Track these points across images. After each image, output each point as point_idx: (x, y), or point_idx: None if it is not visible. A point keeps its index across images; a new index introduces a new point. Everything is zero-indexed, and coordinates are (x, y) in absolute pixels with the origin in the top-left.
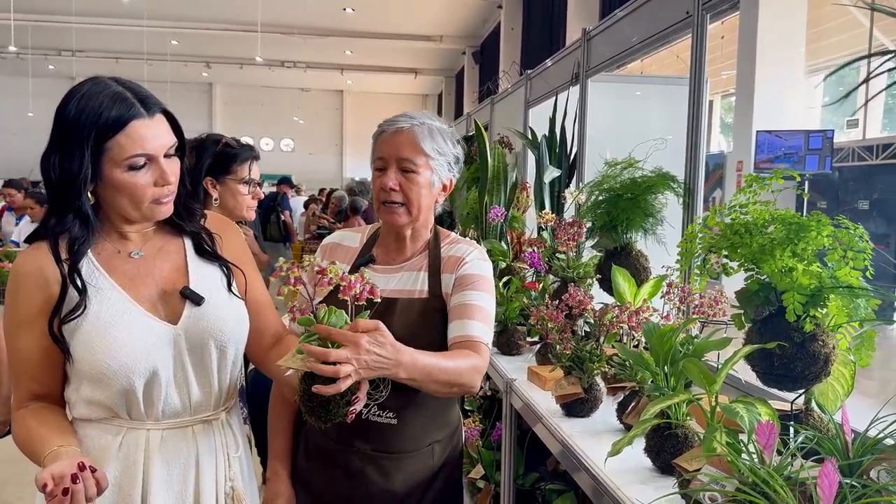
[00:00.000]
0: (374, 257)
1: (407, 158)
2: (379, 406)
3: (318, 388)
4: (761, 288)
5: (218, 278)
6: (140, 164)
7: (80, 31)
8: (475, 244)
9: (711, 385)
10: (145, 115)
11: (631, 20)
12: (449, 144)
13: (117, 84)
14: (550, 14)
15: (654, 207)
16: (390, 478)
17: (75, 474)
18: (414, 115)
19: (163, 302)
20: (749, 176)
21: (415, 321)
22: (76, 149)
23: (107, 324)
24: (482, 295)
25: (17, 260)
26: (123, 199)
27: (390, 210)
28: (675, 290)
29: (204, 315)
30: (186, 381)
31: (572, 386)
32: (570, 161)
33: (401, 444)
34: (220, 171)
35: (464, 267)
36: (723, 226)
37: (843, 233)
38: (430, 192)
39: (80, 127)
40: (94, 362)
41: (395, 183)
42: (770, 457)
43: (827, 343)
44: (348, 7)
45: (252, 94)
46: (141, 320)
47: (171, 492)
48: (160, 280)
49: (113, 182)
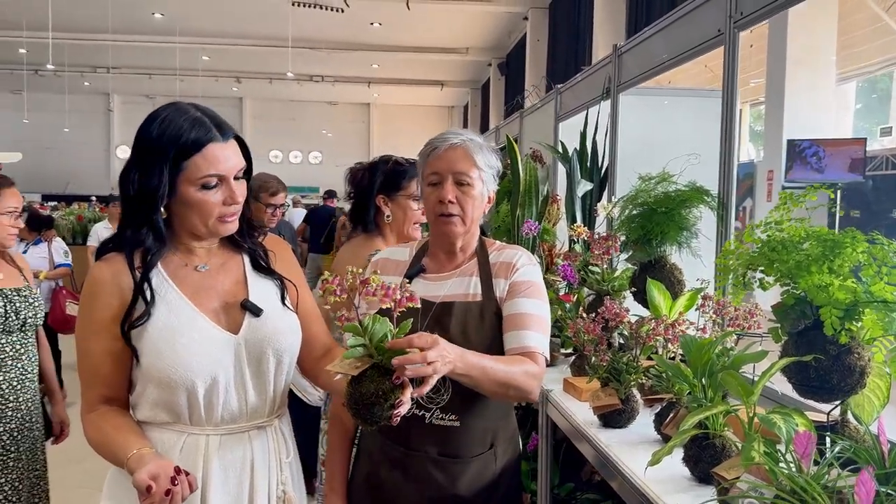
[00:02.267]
0: (424, 267)
1: (462, 172)
2: (441, 409)
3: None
4: (797, 302)
5: (273, 292)
6: (213, 184)
7: (114, 48)
8: (522, 248)
9: (749, 396)
10: (220, 139)
11: (661, 37)
12: (494, 158)
13: (196, 109)
14: (577, 26)
15: (688, 221)
16: (456, 482)
17: (174, 477)
18: (460, 132)
19: (225, 313)
20: (784, 193)
21: (471, 323)
22: (156, 166)
23: (174, 331)
24: (536, 302)
25: (94, 269)
26: (193, 215)
27: (447, 222)
28: (709, 303)
29: (262, 325)
30: (244, 388)
31: (609, 397)
32: (601, 175)
33: (465, 447)
34: (391, 188)
35: (516, 273)
36: (759, 242)
37: (878, 248)
38: (481, 203)
39: (161, 146)
40: (161, 367)
41: (453, 196)
42: (808, 466)
43: (862, 356)
44: (375, 21)
45: (281, 108)
46: (205, 329)
47: (228, 495)
48: (222, 293)
49: (186, 199)
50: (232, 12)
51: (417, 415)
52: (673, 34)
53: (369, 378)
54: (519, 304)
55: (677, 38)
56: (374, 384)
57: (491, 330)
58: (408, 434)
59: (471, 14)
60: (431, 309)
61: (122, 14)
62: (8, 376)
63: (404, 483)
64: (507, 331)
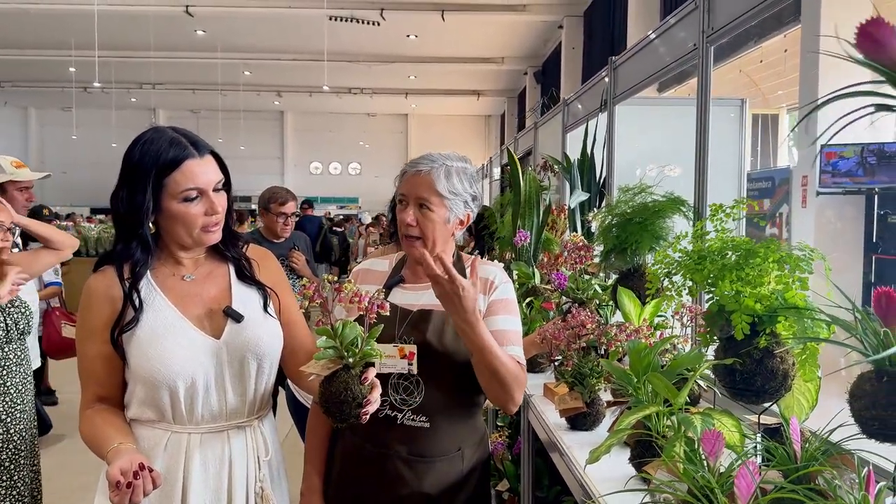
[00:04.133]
0: (403, 277)
1: (423, 198)
2: (413, 410)
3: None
4: (721, 309)
5: (256, 300)
6: (193, 197)
7: (158, 64)
8: (497, 264)
9: (676, 397)
10: (197, 155)
11: (649, 51)
12: (465, 184)
13: (173, 131)
14: (611, 33)
15: (664, 231)
16: (423, 481)
17: (136, 471)
18: (435, 158)
19: (208, 319)
20: (714, 205)
21: (447, 331)
22: (140, 185)
23: (160, 335)
24: (513, 319)
25: (89, 280)
26: (179, 227)
27: (409, 242)
28: (683, 310)
29: (242, 331)
30: (224, 389)
31: (575, 400)
32: (599, 185)
33: (433, 447)
34: None
35: (496, 292)
36: (684, 252)
37: (790, 257)
38: (444, 227)
39: (143, 166)
40: (147, 367)
41: (413, 219)
42: (715, 462)
43: (786, 359)
44: (411, 34)
45: (321, 120)
46: (189, 333)
47: (207, 489)
48: (207, 300)
49: (171, 212)
50: (271, 28)
51: (390, 415)
52: (657, 48)
53: (339, 378)
54: (500, 321)
55: (660, 52)
56: (343, 384)
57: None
58: (380, 434)
59: (505, 24)
60: (409, 316)
61: (165, 32)
62: (14, 381)
63: (375, 481)
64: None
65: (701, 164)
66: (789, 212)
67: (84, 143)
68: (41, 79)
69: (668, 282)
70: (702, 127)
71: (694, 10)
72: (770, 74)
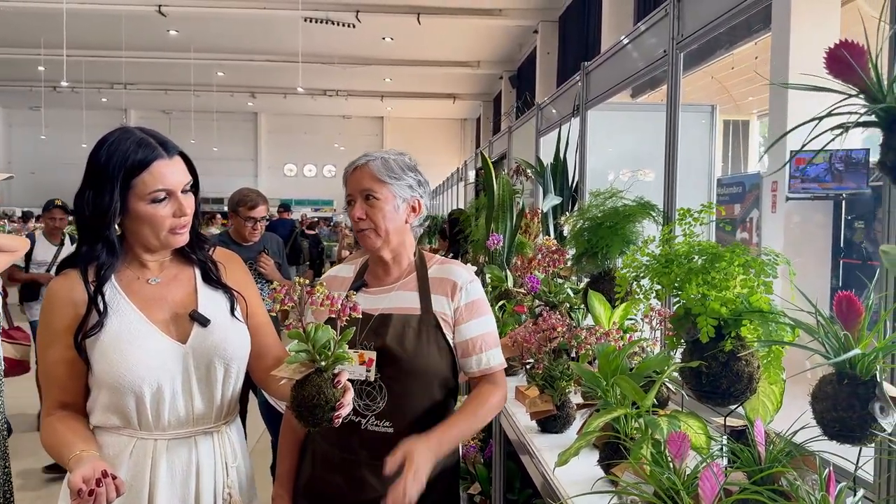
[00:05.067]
0: (366, 282)
1: (368, 189)
2: (376, 416)
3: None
4: (687, 312)
5: (223, 303)
6: (161, 198)
7: (129, 64)
8: (461, 264)
9: (643, 400)
10: (166, 156)
11: (621, 56)
12: (405, 170)
13: (141, 132)
14: (585, 39)
15: (634, 235)
16: (388, 486)
17: (99, 479)
18: (371, 153)
19: (174, 323)
20: (682, 209)
21: (408, 334)
22: (107, 186)
23: (124, 340)
24: (486, 319)
25: (51, 284)
26: (146, 229)
27: (363, 236)
28: (652, 313)
29: (209, 335)
30: (191, 394)
31: (545, 403)
32: (572, 189)
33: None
34: None
35: (462, 294)
36: (651, 256)
37: (755, 262)
38: (395, 214)
39: (110, 168)
40: (112, 373)
41: (362, 213)
42: (681, 464)
43: (751, 362)
44: (387, 36)
45: (295, 122)
46: (154, 338)
47: (174, 496)
48: (173, 304)
49: (138, 214)
50: (245, 28)
51: (354, 421)
52: (628, 54)
53: (312, 382)
54: (473, 326)
55: (632, 58)
56: (316, 388)
57: (428, 343)
58: (345, 439)
59: (481, 28)
60: (370, 321)
61: (137, 31)
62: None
63: (341, 486)
64: (467, 355)
65: (670, 168)
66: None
67: (53, 143)
68: (9, 77)
69: (636, 285)
70: (671, 132)
71: (664, 16)
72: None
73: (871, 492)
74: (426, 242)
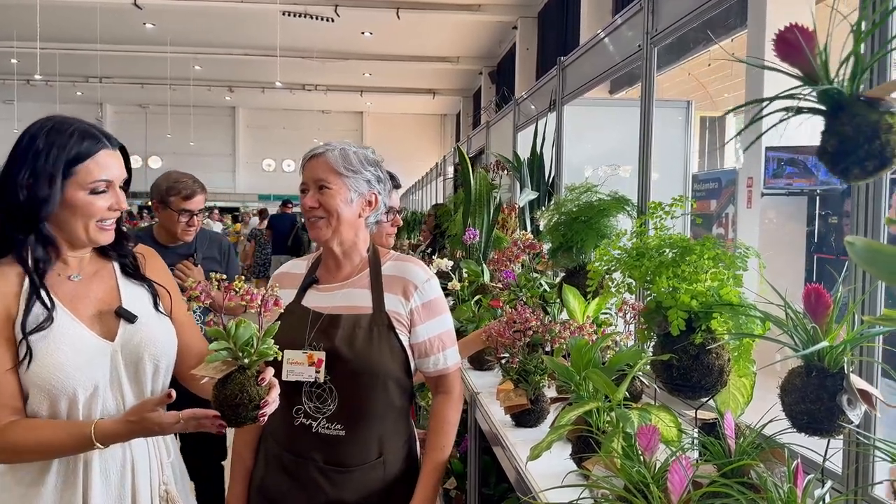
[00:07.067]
0: (317, 279)
1: (321, 179)
2: (327, 419)
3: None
4: (658, 306)
5: (146, 298)
6: (101, 189)
7: (105, 58)
8: (417, 261)
9: (614, 393)
10: (110, 146)
11: (596, 52)
12: (365, 164)
13: (83, 122)
14: (564, 35)
15: (608, 229)
16: (342, 490)
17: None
18: (331, 144)
19: (100, 321)
20: (652, 203)
21: (359, 335)
22: (47, 174)
23: (53, 340)
24: (441, 319)
25: None
26: (77, 221)
27: (314, 225)
28: (626, 307)
29: (137, 331)
30: (122, 393)
31: (520, 397)
32: (548, 184)
33: (350, 456)
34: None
35: (418, 294)
36: (623, 249)
37: (725, 255)
38: (348, 206)
39: (51, 153)
40: (43, 374)
41: (315, 201)
42: (651, 457)
43: (721, 355)
44: (366, 31)
45: (274, 117)
46: (83, 337)
47: (110, 495)
48: (96, 301)
49: (73, 202)
50: (223, 22)
51: (305, 423)
52: (604, 49)
53: (235, 380)
54: (431, 326)
55: (607, 53)
56: (239, 386)
57: (379, 343)
58: (296, 442)
59: (461, 23)
60: (319, 321)
61: (112, 24)
62: None
63: (293, 489)
64: (424, 356)
65: (644, 163)
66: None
67: None
68: None
69: (608, 279)
70: (645, 127)
71: (639, 11)
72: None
73: (840, 483)
74: (406, 238)
